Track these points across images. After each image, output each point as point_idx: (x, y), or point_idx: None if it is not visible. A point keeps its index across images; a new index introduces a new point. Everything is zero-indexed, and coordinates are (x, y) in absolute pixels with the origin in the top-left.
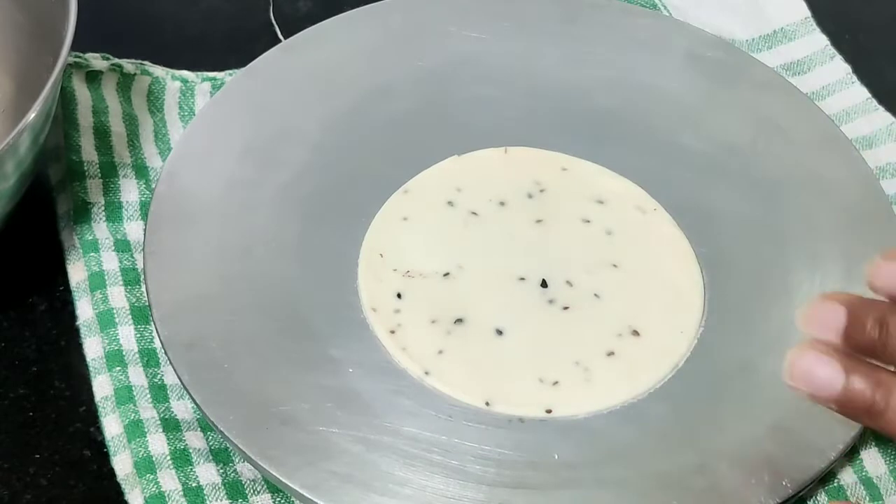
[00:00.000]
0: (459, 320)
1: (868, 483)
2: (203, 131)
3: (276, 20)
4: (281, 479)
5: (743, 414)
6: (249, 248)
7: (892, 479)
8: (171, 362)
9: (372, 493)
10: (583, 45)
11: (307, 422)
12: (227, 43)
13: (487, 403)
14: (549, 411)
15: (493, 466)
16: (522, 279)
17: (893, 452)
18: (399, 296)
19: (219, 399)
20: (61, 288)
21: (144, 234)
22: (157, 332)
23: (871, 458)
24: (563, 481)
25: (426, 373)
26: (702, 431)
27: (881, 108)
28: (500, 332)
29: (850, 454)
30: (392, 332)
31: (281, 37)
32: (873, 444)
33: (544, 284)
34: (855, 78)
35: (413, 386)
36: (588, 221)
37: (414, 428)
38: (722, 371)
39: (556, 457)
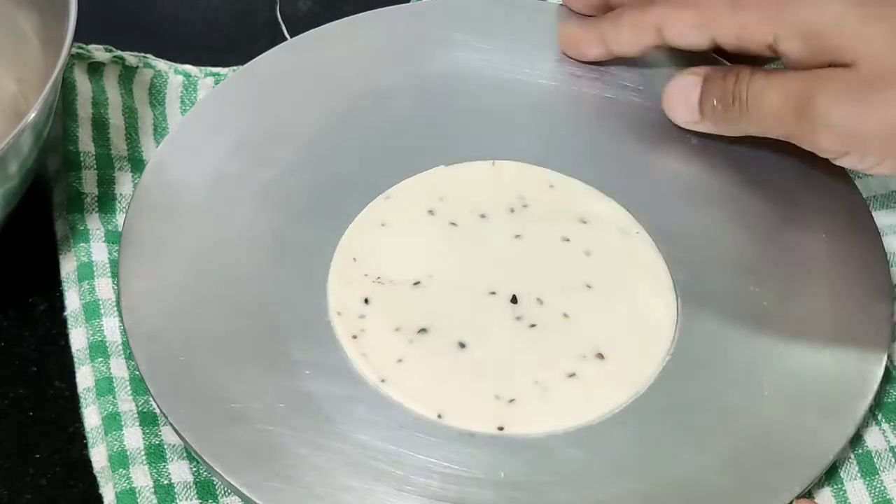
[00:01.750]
0: (423, 330)
1: None
2: (197, 124)
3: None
4: (224, 476)
5: (698, 447)
6: (225, 242)
7: None
8: (131, 352)
9: (312, 498)
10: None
11: (257, 420)
12: (229, 43)
13: (440, 416)
14: (500, 428)
15: (436, 480)
16: (493, 293)
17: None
18: (366, 301)
19: (172, 391)
20: (61, 288)
21: (124, 223)
22: (122, 320)
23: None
24: (504, 500)
25: (382, 380)
26: (654, 461)
27: None
28: (462, 345)
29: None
30: (354, 336)
31: (287, 35)
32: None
33: (514, 300)
34: None
35: (368, 393)
36: (567, 240)
37: (364, 435)
38: (683, 401)
39: (503, 475)
